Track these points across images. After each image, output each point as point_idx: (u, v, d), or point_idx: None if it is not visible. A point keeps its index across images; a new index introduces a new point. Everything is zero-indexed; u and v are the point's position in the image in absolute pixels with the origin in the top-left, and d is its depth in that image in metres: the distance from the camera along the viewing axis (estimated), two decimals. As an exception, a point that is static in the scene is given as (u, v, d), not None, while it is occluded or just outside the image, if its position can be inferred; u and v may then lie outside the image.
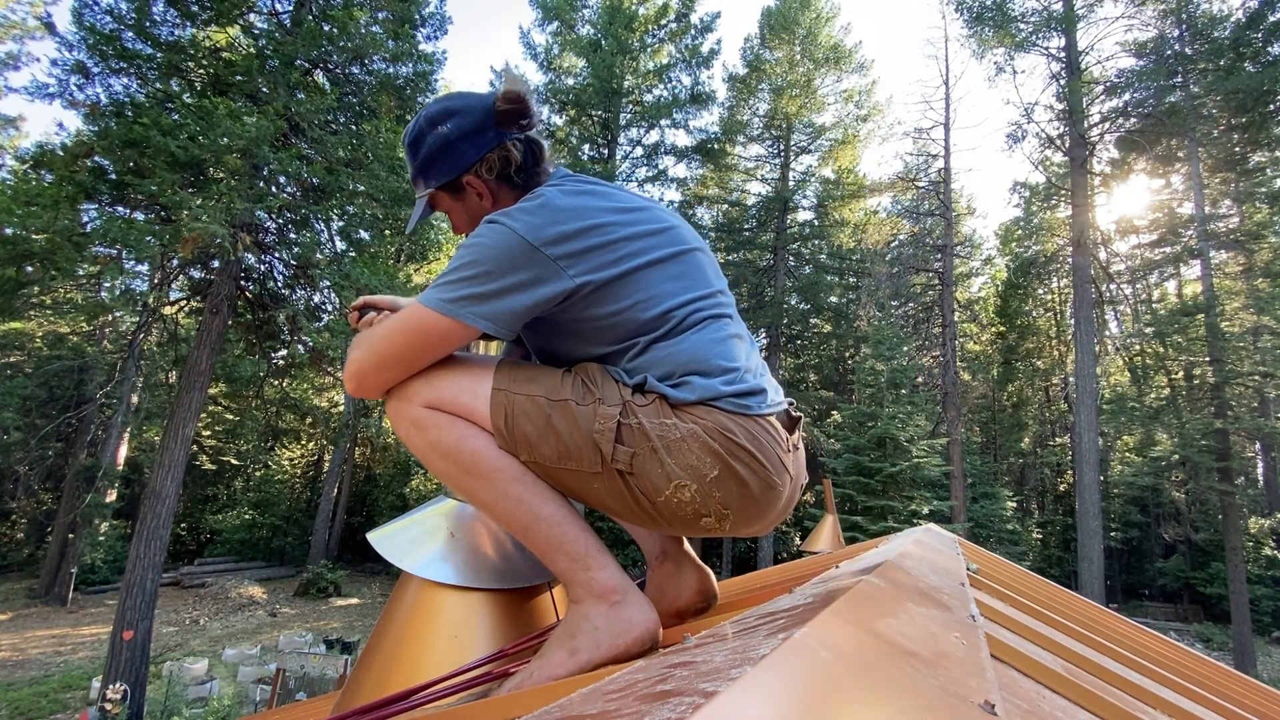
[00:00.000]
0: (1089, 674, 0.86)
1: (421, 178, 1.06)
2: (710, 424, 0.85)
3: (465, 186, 1.04)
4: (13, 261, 8.18)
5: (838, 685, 0.34)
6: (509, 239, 0.86)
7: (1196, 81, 14.51)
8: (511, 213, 0.89)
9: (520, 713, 0.63)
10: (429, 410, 0.93)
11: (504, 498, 0.89)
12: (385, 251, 11.88)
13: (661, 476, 0.85)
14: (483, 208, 1.05)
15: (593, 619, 0.84)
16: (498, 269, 0.86)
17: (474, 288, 0.86)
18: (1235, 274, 17.06)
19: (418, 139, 1.04)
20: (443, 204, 1.08)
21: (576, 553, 0.88)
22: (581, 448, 0.87)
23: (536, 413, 0.89)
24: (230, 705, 9.25)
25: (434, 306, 0.86)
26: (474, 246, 0.88)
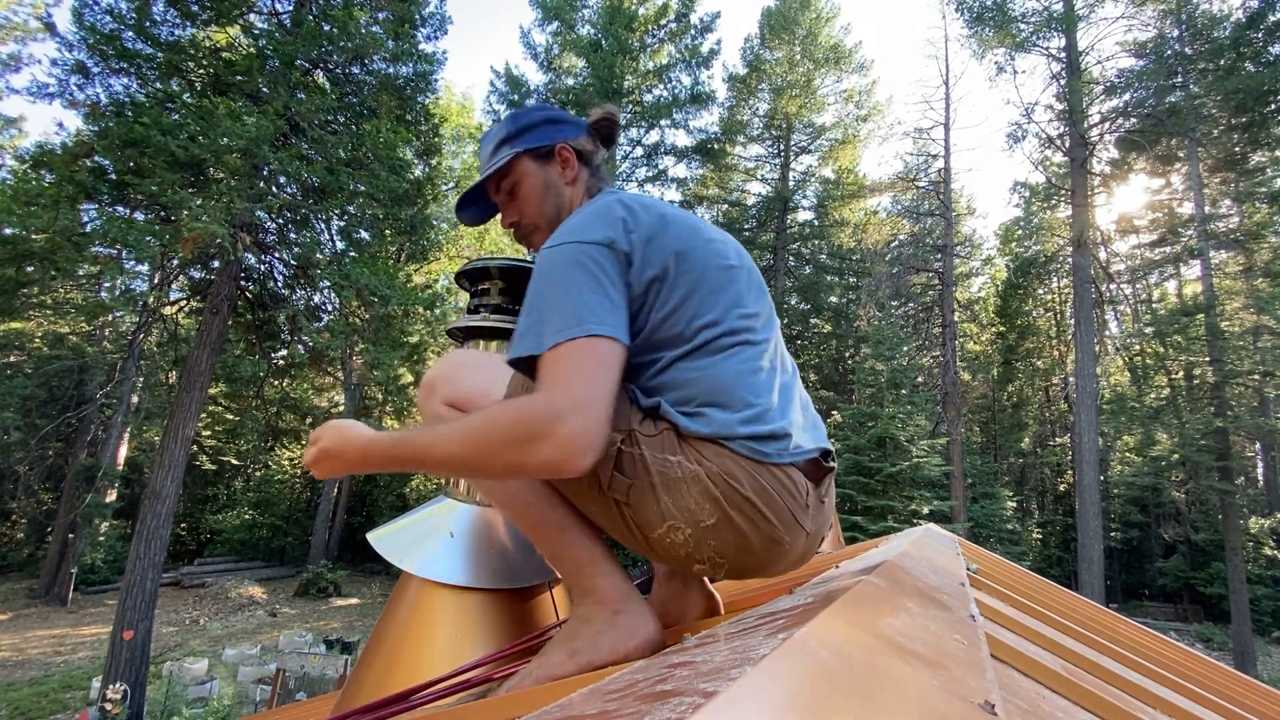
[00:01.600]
0: (1089, 674, 0.86)
1: (509, 143, 1.06)
2: (715, 468, 0.81)
3: (555, 154, 1.07)
4: (13, 261, 8.19)
5: (838, 685, 0.34)
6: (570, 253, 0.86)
7: (1196, 81, 14.51)
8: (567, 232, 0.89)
9: (520, 713, 0.63)
10: (449, 409, 0.96)
11: (514, 500, 0.90)
12: (385, 251, 11.88)
13: (656, 514, 0.82)
14: (561, 182, 1.07)
15: (595, 624, 0.84)
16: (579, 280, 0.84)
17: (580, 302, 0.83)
18: (1235, 274, 17.06)
19: (521, 113, 1.08)
20: (521, 168, 1.06)
21: (582, 559, 0.88)
22: None
23: None
24: (230, 705, 9.25)
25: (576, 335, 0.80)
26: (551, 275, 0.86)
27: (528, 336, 0.80)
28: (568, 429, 0.70)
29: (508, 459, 0.72)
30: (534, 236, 1.09)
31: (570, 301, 0.80)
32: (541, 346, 0.78)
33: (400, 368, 11.01)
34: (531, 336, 0.80)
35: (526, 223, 1.08)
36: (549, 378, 0.75)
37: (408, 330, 12.08)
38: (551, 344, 0.77)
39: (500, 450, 0.72)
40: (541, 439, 0.70)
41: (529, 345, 0.79)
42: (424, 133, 11.88)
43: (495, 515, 1.31)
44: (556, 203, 1.06)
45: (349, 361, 11.06)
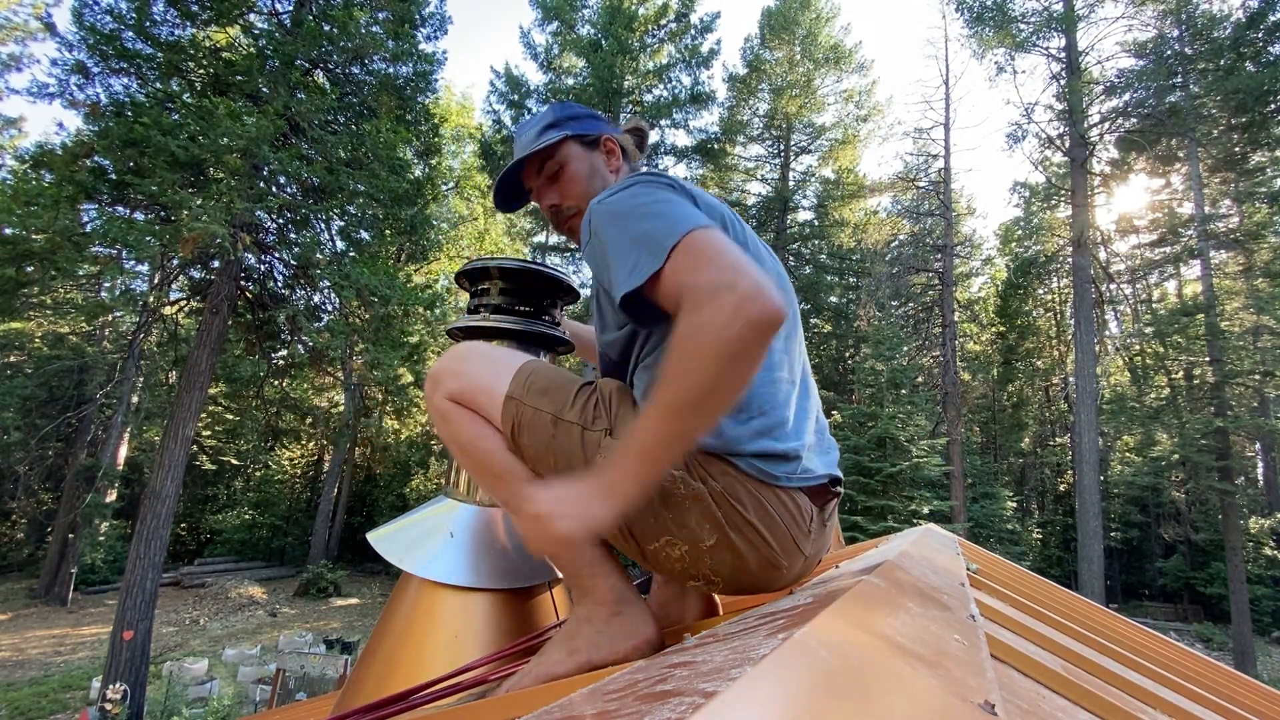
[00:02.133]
0: (1089, 674, 0.86)
1: (556, 127, 1.05)
2: (719, 489, 0.79)
3: (601, 143, 1.08)
4: (13, 261, 8.19)
5: (838, 685, 0.34)
6: (652, 186, 0.83)
7: (1196, 81, 14.51)
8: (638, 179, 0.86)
9: (520, 713, 0.63)
10: (451, 404, 0.95)
11: (515, 498, 0.90)
12: (385, 251, 11.88)
13: (653, 527, 0.82)
14: (604, 169, 1.07)
15: (594, 624, 0.84)
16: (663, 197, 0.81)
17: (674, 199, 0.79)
18: (1235, 274, 17.06)
19: (567, 104, 1.09)
20: (568, 150, 1.05)
21: (581, 559, 0.87)
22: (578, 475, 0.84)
23: (540, 429, 0.87)
24: (230, 705, 9.25)
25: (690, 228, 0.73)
26: (635, 197, 0.81)
27: (643, 257, 0.73)
28: (742, 286, 0.64)
29: (725, 351, 0.64)
30: (577, 221, 1.07)
31: (663, 212, 0.76)
32: (660, 256, 0.71)
33: (400, 368, 11.01)
34: (648, 253, 0.73)
35: (569, 205, 1.06)
36: (686, 272, 0.69)
37: (408, 330, 12.07)
38: (669, 246, 0.71)
39: (715, 348, 0.64)
40: (730, 310, 0.64)
41: (650, 261, 0.72)
42: (424, 133, 11.89)
43: (495, 515, 1.31)
44: (602, 188, 1.04)
45: (349, 361, 11.05)
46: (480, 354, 0.98)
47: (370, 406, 14.19)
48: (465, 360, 0.96)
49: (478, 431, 0.92)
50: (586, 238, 0.86)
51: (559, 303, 1.46)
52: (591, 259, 0.87)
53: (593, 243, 0.84)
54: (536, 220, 19.67)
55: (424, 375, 12.47)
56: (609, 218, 0.81)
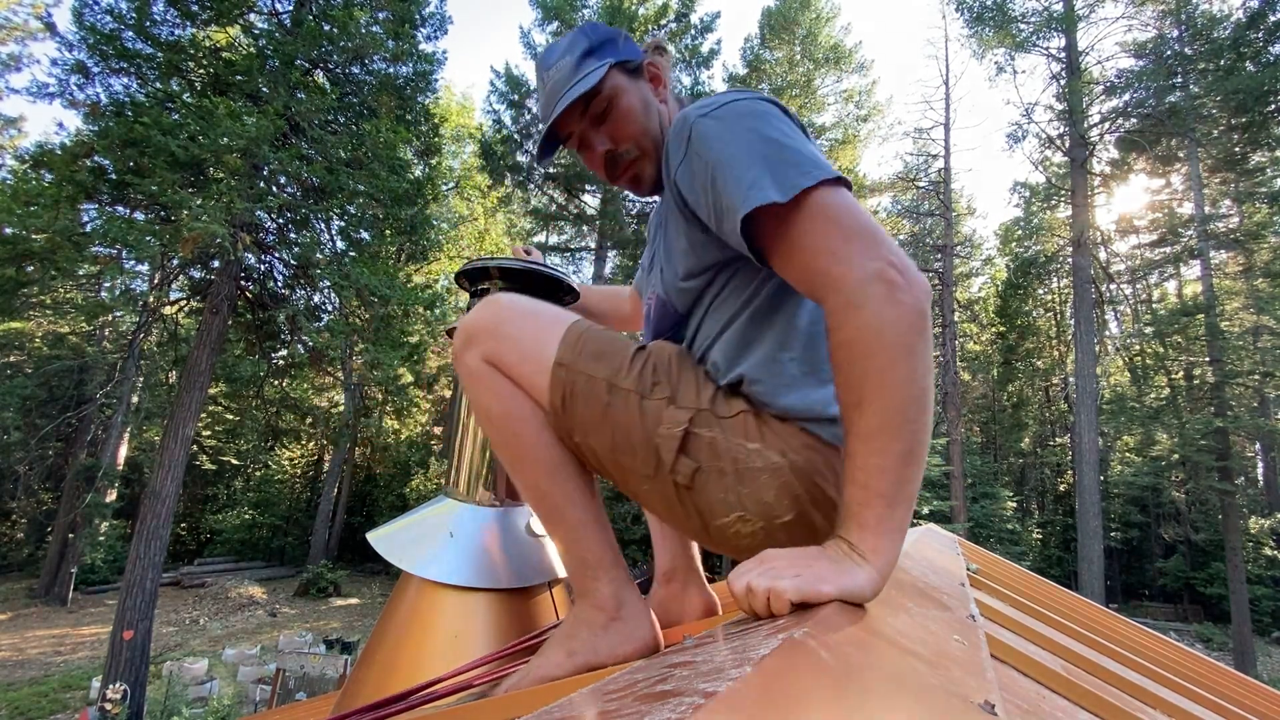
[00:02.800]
0: (1089, 674, 0.86)
1: (594, 55, 0.88)
2: (800, 461, 0.73)
3: (645, 69, 0.92)
4: (13, 261, 8.19)
5: (837, 686, 0.34)
6: (770, 109, 0.72)
7: (1196, 81, 14.51)
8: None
9: (520, 713, 0.63)
10: (487, 367, 0.84)
11: (534, 487, 0.85)
12: (385, 251, 11.88)
13: (724, 504, 0.75)
14: (653, 99, 0.92)
15: (592, 626, 0.83)
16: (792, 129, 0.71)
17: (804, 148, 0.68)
18: (1235, 274, 17.07)
19: (594, 25, 0.92)
20: (615, 81, 0.88)
21: (589, 560, 0.84)
22: (637, 447, 0.77)
23: (595, 398, 0.78)
24: (230, 705, 9.25)
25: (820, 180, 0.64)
26: (757, 118, 0.70)
27: (761, 182, 0.64)
28: (897, 261, 0.60)
29: (911, 343, 0.59)
30: (638, 166, 0.91)
31: (793, 145, 0.67)
32: (789, 190, 0.63)
33: (400, 368, 11.00)
34: (769, 181, 0.64)
35: (627, 148, 0.90)
36: (825, 245, 0.62)
37: (408, 330, 12.07)
38: (804, 186, 0.63)
39: (906, 351, 0.59)
40: (901, 296, 0.59)
41: (770, 190, 0.63)
42: (424, 133, 11.88)
43: (495, 515, 1.31)
44: (659, 121, 0.90)
45: (349, 361, 11.05)
46: (522, 311, 0.85)
47: (370, 406, 14.18)
48: (505, 319, 0.84)
49: (508, 408, 0.83)
50: (680, 157, 0.75)
51: (559, 303, 1.46)
52: (686, 178, 0.75)
53: (690, 162, 0.73)
54: (536, 220, 19.67)
55: (424, 375, 12.47)
56: (720, 131, 0.70)
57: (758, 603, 0.60)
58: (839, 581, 0.59)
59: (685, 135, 0.74)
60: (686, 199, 0.77)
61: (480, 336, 0.84)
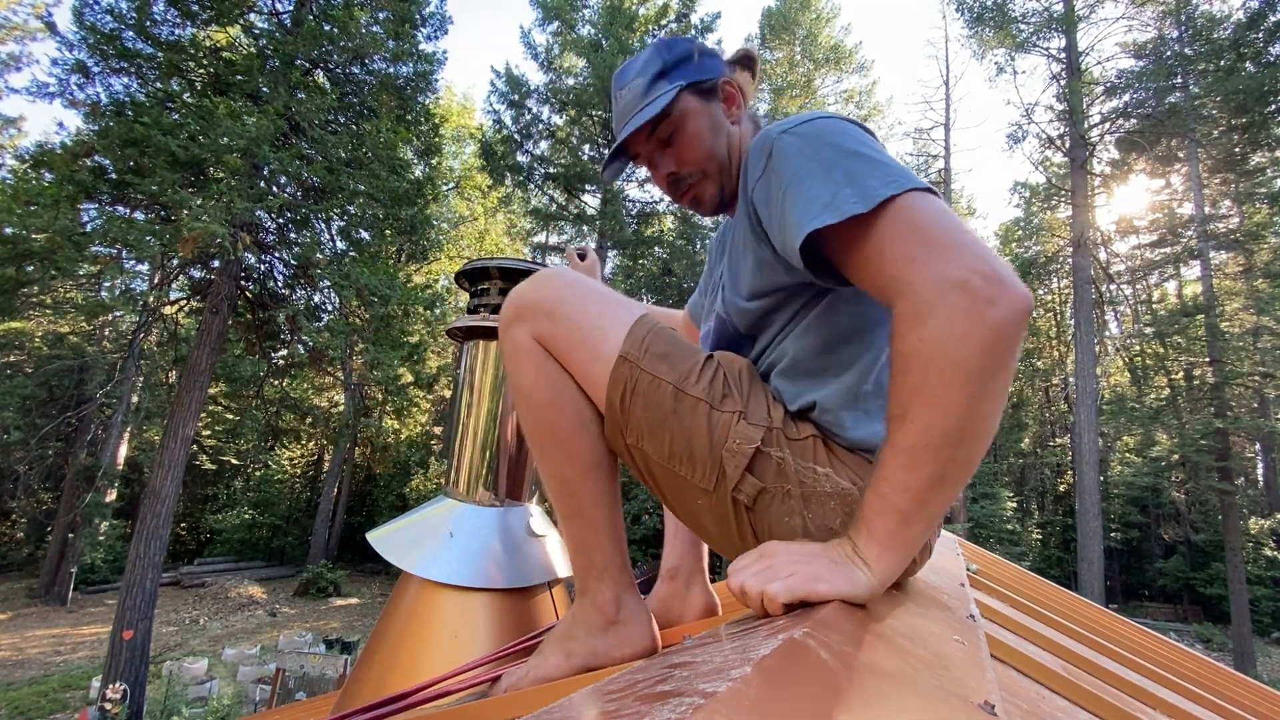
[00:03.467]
0: (1089, 674, 0.86)
1: (665, 78, 0.87)
2: None
3: (719, 90, 0.89)
4: (13, 261, 8.19)
5: (837, 686, 0.34)
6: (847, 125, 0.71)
7: (1196, 82, 14.51)
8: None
9: (520, 713, 0.63)
10: (536, 346, 0.79)
11: (560, 479, 0.82)
12: (385, 251, 11.88)
13: (787, 528, 0.72)
14: (726, 122, 0.89)
15: (591, 628, 0.83)
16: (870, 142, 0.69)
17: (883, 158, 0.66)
18: (1235, 274, 17.07)
19: (672, 42, 0.90)
20: (685, 105, 0.87)
21: (598, 563, 0.83)
22: (699, 459, 0.74)
23: (659, 401, 0.74)
24: (230, 705, 9.25)
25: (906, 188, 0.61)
26: (837, 134, 0.68)
27: (842, 195, 0.62)
28: (984, 269, 0.55)
29: (978, 366, 0.55)
30: (700, 188, 0.90)
31: (877, 159, 0.64)
32: (871, 200, 0.60)
33: (400, 368, 11.01)
34: (850, 193, 0.61)
35: (690, 171, 0.89)
36: (901, 251, 0.59)
37: (408, 330, 12.07)
38: (887, 195, 0.60)
39: (965, 372, 0.54)
40: (980, 310, 0.54)
41: (851, 203, 0.61)
42: (424, 133, 11.89)
43: (495, 515, 1.31)
44: (726, 144, 0.89)
45: (349, 361, 11.05)
46: (585, 292, 0.80)
47: (370, 406, 14.18)
48: (565, 298, 0.79)
49: (554, 398, 0.79)
50: (759, 173, 0.73)
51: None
52: (764, 193, 0.73)
53: (767, 178, 0.72)
54: (536, 220, 19.67)
55: (424, 375, 12.50)
56: (801, 147, 0.68)
57: (752, 604, 0.60)
58: (835, 582, 0.58)
59: (766, 151, 0.72)
60: (761, 216, 0.75)
61: (533, 313, 0.79)
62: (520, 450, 1.37)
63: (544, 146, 17.90)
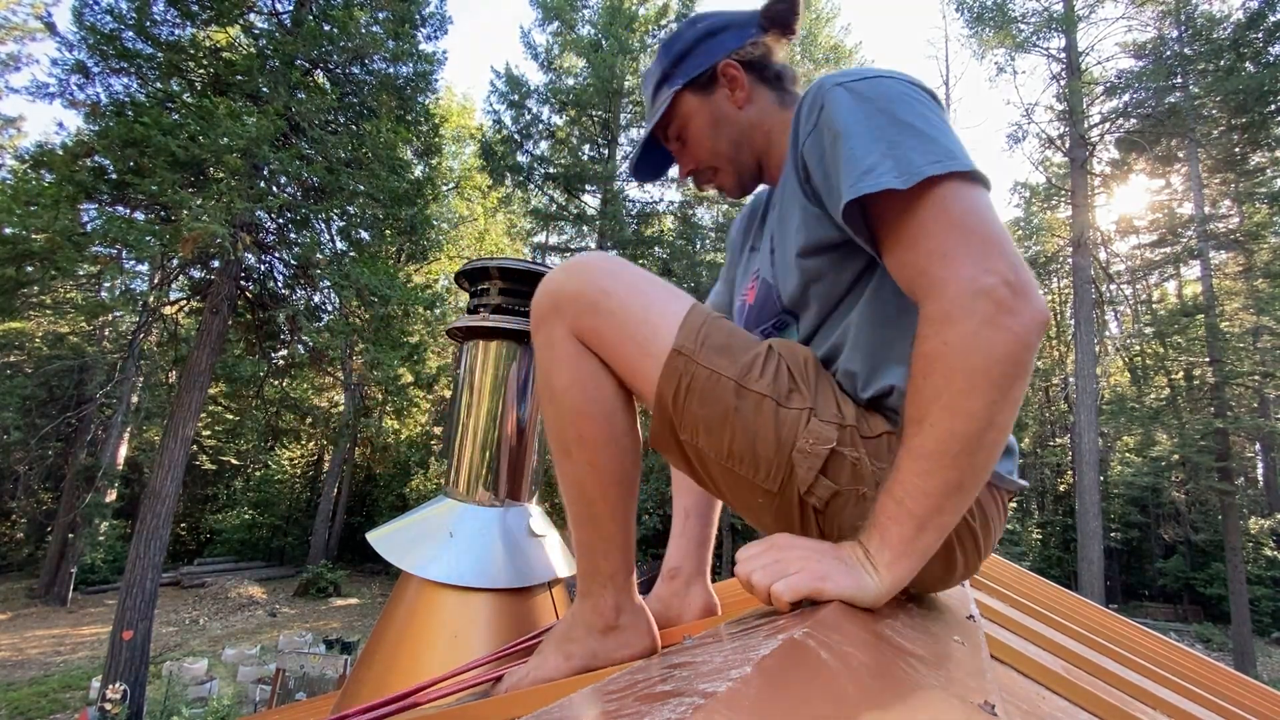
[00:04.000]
0: (1089, 674, 0.86)
1: (667, 82, 0.89)
2: None
3: (718, 77, 0.87)
4: (13, 261, 8.19)
5: (838, 686, 0.34)
6: (900, 82, 0.67)
7: (1196, 82, 14.51)
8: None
9: (520, 713, 0.63)
10: (575, 344, 0.74)
11: (580, 487, 0.78)
12: (385, 251, 11.88)
13: (858, 531, 0.66)
14: (732, 109, 0.88)
15: (590, 630, 0.83)
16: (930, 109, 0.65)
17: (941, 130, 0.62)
18: (1235, 274, 17.07)
19: (673, 39, 0.91)
20: (684, 108, 0.89)
21: (604, 570, 0.81)
22: (764, 459, 0.68)
23: (718, 398, 0.69)
24: (230, 705, 9.25)
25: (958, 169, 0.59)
26: (878, 98, 0.65)
27: (882, 167, 0.59)
28: (1015, 280, 0.54)
29: (1000, 372, 0.54)
30: (719, 178, 0.94)
31: (929, 132, 0.61)
32: (910, 177, 0.58)
33: (400, 368, 11.01)
34: (890, 166, 0.59)
35: (703, 167, 0.93)
36: (937, 246, 0.57)
37: (408, 330, 12.07)
38: (928, 174, 0.58)
39: (988, 377, 0.54)
40: (1005, 320, 0.53)
41: (888, 176, 0.58)
42: (424, 133, 11.89)
43: (495, 515, 1.31)
44: (731, 136, 0.89)
45: (349, 361, 11.05)
46: (629, 281, 0.74)
47: (370, 406, 14.18)
48: (609, 290, 0.73)
49: (591, 406, 0.74)
50: (811, 126, 0.70)
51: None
52: (815, 148, 0.70)
53: (819, 133, 0.68)
54: (536, 220, 19.68)
55: (424, 375, 12.50)
56: (853, 104, 0.65)
57: (759, 596, 0.60)
58: (842, 583, 0.57)
59: (819, 105, 0.69)
60: (811, 171, 0.71)
61: (573, 306, 0.73)
62: (520, 450, 1.37)
63: (544, 146, 17.90)
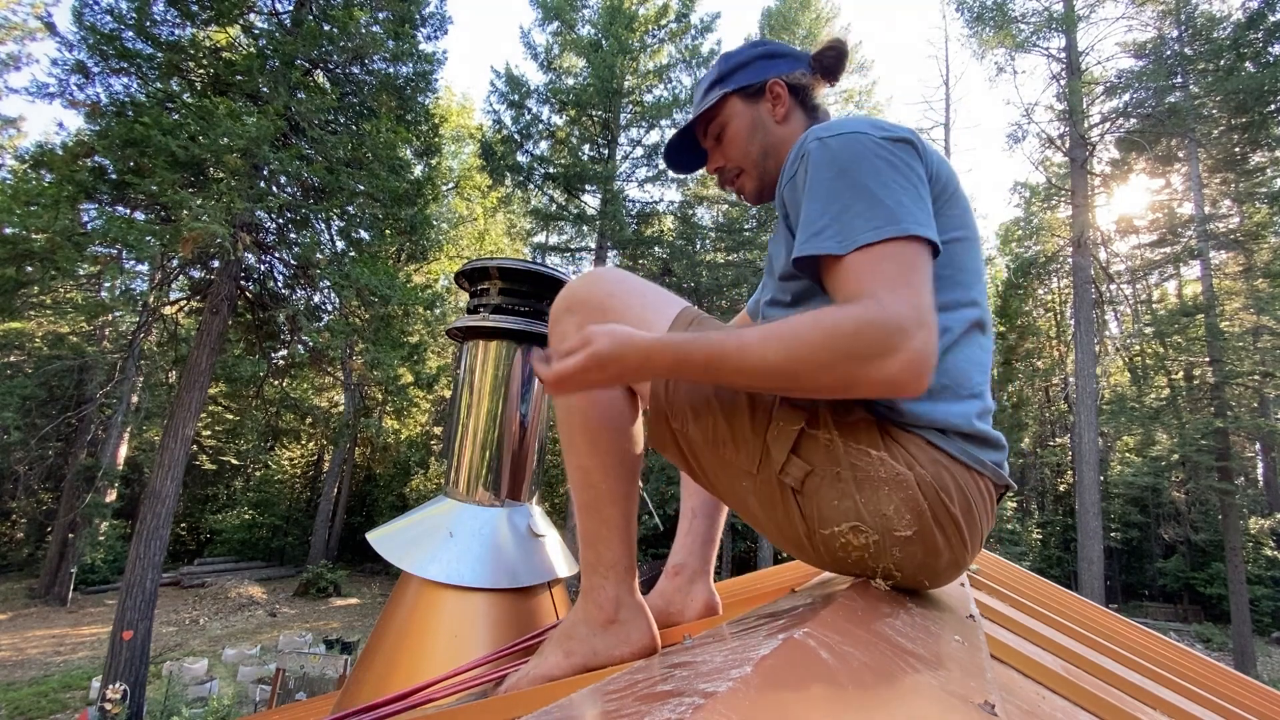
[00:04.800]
0: (1089, 674, 0.86)
1: (720, 85, 0.98)
2: (928, 475, 0.69)
3: (765, 92, 0.97)
4: (13, 261, 8.19)
5: (838, 686, 0.34)
6: (862, 141, 0.72)
7: (1196, 81, 14.51)
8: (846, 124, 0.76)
9: (520, 713, 0.63)
10: None
11: (584, 473, 0.85)
12: (385, 251, 11.88)
13: (838, 511, 0.71)
14: (770, 121, 0.97)
15: (590, 627, 0.83)
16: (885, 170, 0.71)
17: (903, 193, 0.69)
18: (1235, 274, 17.07)
19: (735, 52, 1.01)
20: (729, 109, 0.98)
21: (605, 560, 0.85)
22: (743, 441, 0.74)
23: (701, 385, 0.78)
24: (230, 705, 9.25)
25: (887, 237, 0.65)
26: (838, 166, 0.71)
27: (827, 233, 0.67)
28: (916, 344, 0.59)
29: (840, 373, 0.61)
30: (740, 181, 1.01)
31: (879, 195, 0.68)
32: (847, 245, 0.66)
33: (400, 368, 11.01)
34: (832, 233, 0.67)
35: (731, 167, 1.01)
36: (872, 283, 0.63)
37: (408, 330, 12.08)
38: (863, 243, 0.65)
39: (834, 363, 0.60)
40: (888, 354, 0.59)
41: (830, 242, 0.67)
42: (424, 133, 11.88)
43: (495, 515, 1.31)
44: (764, 143, 0.97)
45: (349, 361, 11.05)
46: (630, 287, 0.86)
47: (370, 406, 14.19)
48: (613, 293, 0.84)
49: (595, 395, 0.84)
50: (791, 173, 0.78)
51: None
52: (791, 196, 0.78)
53: (795, 180, 0.77)
54: (536, 220, 19.68)
55: (424, 375, 12.50)
56: (823, 161, 0.72)
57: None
58: (621, 347, 0.68)
59: (801, 154, 0.76)
60: (790, 212, 0.80)
61: (584, 307, 0.84)
62: (521, 450, 1.37)
63: (544, 146, 17.89)
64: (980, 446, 0.74)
